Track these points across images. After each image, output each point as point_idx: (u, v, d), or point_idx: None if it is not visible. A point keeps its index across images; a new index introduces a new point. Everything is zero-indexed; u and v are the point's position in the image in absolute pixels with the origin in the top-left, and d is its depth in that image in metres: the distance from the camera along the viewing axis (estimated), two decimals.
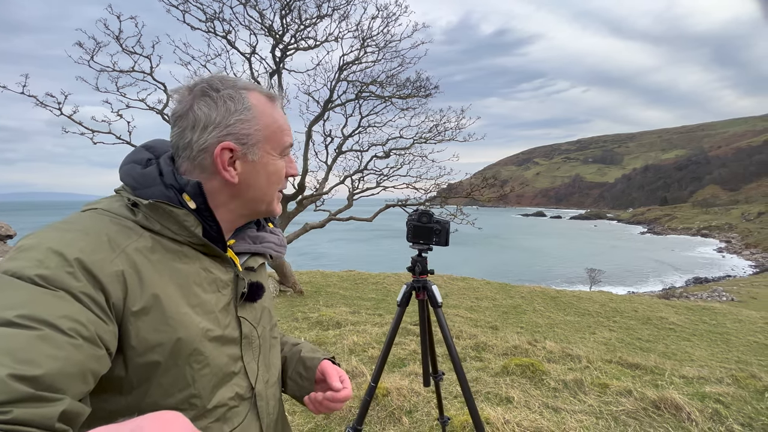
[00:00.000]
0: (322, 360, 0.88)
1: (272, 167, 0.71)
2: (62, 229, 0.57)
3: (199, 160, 0.66)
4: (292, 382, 0.89)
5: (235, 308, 0.70)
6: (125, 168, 0.67)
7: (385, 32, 8.89)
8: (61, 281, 0.51)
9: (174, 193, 0.63)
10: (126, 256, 0.57)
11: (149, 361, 0.58)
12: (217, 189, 0.68)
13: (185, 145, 0.66)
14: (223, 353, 0.66)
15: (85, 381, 0.49)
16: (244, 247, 0.76)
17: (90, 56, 6.82)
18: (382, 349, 1.47)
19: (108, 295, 0.54)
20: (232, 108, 0.66)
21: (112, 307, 0.55)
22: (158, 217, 0.62)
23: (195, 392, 0.62)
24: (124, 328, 0.56)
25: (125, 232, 0.60)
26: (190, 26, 7.73)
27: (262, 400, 0.74)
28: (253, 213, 0.74)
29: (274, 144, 0.71)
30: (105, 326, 0.53)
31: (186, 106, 0.66)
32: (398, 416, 2.41)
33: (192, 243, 0.65)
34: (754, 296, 22.42)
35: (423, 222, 1.33)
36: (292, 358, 0.90)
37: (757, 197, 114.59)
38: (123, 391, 0.58)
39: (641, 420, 2.34)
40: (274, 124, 0.70)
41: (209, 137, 0.65)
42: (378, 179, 10.67)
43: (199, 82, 0.67)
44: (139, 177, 0.65)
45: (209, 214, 0.66)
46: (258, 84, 0.73)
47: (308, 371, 0.87)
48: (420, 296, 1.46)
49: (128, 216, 0.62)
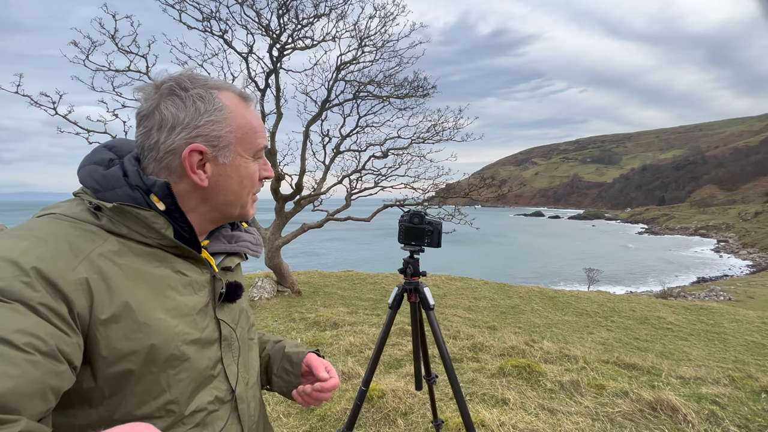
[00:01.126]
0: (308, 353, 0.89)
1: (245, 170, 0.69)
2: (16, 236, 0.54)
3: (166, 162, 0.63)
4: (279, 378, 0.89)
5: (213, 310, 0.68)
6: (86, 169, 0.64)
7: (383, 32, 8.87)
8: (16, 292, 0.48)
9: (141, 194, 0.61)
10: (90, 263, 0.55)
11: (122, 370, 0.55)
12: (187, 192, 0.65)
13: (151, 146, 0.63)
14: (202, 356, 0.64)
15: (45, 399, 0.46)
16: (219, 247, 0.74)
17: (85, 55, 6.77)
18: (374, 352, 1.45)
19: (71, 304, 0.51)
20: (202, 108, 0.63)
21: (76, 318, 0.52)
22: (125, 220, 0.59)
23: (171, 398, 0.60)
24: (92, 338, 0.53)
25: (88, 237, 0.57)
26: (187, 26, 7.70)
27: (243, 402, 0.72)
28: (226, 217, 0.72)
29: (247, 146, 0.68)
30: (67, 339, 0.50)
31: (152, 105, 0.63)
32: (393, 418, 2.39)
33: (163, 245, 0.63)
34: (751, 296, 22.49)
35: (415, 223, 1.31)
36: (277, 355, 0.90)
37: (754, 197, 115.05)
38: (93, 403, 0.56)
39: (637, 421, 2.32)
40: (246, 125, 0.68)
41: (177, 138, 0.62)
42: (376, 179, 10.66)
43: (167, 79, 0.64)
44: (101, 179, 0.62)
45: (180, 215, 0.63)
46: (231, 83, 0.70)
47: (294, 366, 0.88)
48: (412, 298, 1.44)
49: (91, 220, 0.59)
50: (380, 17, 8.65)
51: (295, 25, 8.24)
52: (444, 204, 10.58)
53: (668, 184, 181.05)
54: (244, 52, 8.30)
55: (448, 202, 10.73)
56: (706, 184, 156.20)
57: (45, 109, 6.78)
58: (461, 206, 10.60)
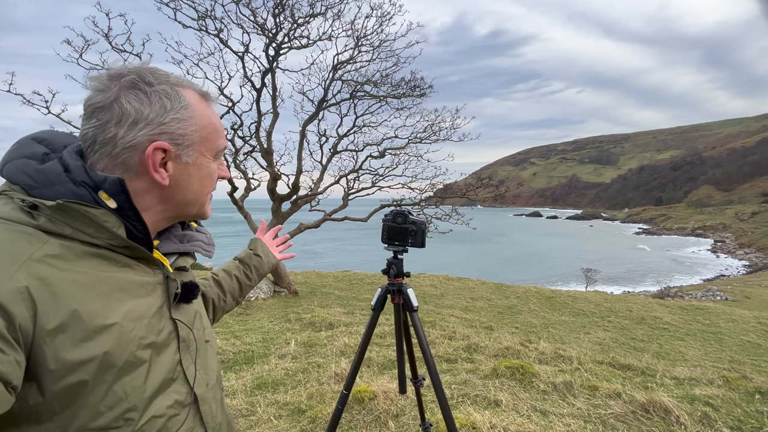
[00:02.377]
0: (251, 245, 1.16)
1: (206, 170, 0.68)
2: None
3: (124, 158, 0.60)
4: (251, 274, 1.11)
5: (168, 311, 0.66)
6: (15, 164, 0.58)
7: (380, 31, 8.85)
8: None
9: (87, 190, 0.56)
10: (29, 269, 0.50)
11: (73, 382, 0.52)
12: (143, 190, 0.62)
13: (106, 140, 0.59)
14: (159, 360, 0.62)
15: None
16: (171, 247, 0.72)
17: (79, 54, 6.73)
18: (356, 355, 1.43)
19: (10, 317, 0.47)
20: (168, 105, 0.61)
21: (17, 331, 0.48)
22: (68, 219, 0.55)
23: (129, 406, 0.57)
24: (37, 351, 0.50)
25: (25, 240, 0.52)
26: (182, 24, 7.66)
27: (205, 403, 0.70)
28: (182, 216, 0.70)
29: (210, 146, 0.68)
30: (2, 356, 0.46)
31: (110, 97, 0.59)
32: (384, 420, 2.37)
33: (113, 246, 0.59)
34: (748, 296, 22.56)
35: (398, 222, 1.29)
36: (232, 271, 1.08)
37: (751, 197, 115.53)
38: (42, 420, 0.52)
39: (629, 423, 2.31)
40: (210, 125, 0.67)
41: (139, 134, 0.59)
42: (373, 179, 10.64)
43: (125, 72, 0.60)
44: (36, 174, 0.57)
45: (133, 213, 0.60)
46: (190, 81, 0.68)
47: (251, 258, 1.13)
48: (395, 300, 1.42)
49: (25, 221, 0.54)
50: (377, 17, 8.63)
51: (291, 24, 8.22)
52: (441, 204, 10.56)
53: (666, 184, 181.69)
54: (240, 51, 8.27)
55: (445, 202, 10.71)
56: (703, 185, 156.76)
57: (38, 108, 6.74)
58: (460, 206, 10.59)
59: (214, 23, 7.78)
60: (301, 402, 2.74)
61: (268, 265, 1.16)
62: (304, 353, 4.12)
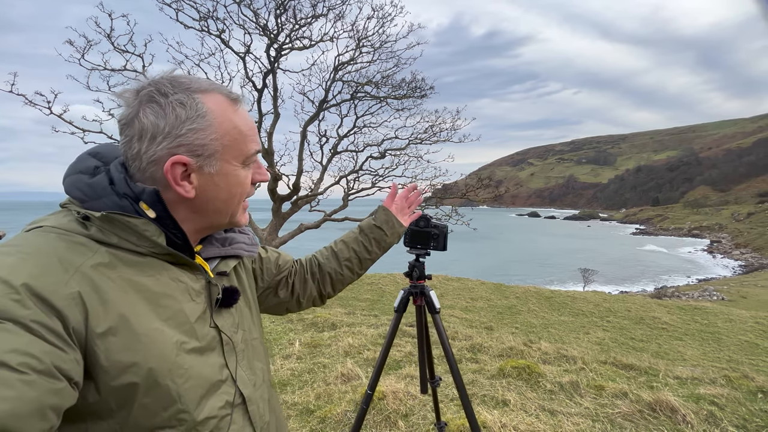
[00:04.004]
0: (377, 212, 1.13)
1: (233, 178, 0.66)
2: (3, 253, 0.52)
3: (150, 173, 0.61)
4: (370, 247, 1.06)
5: (211, 316, 0.68)
6: (71, 179, 0.62)
7: (381, 33, 8.88)
8: (7, 311, 0.46)
9: (129, 202, 0.59)
10: (82, 276, 0.53)
11: (125, 383, 0.54)
12: (174, 202, 0.63)
13: (133, 156, 0.61)
14: (205, 363, 0.64)
15: (44, 418, 0.45)
16: (213, 252, 0.73)
17: (81, 54, 6.72)
18: (380, 355, 1.45)
19: (65, 320, 0.50)
20: (183, 115, 0.59)
21: (72, 333, 0.50)
22: (114, 229, 0.58)
23: (182, 407, 0.59)
24: (91, 352, 0.52)
25: (78, 250, 0.55)
26: (184, 25, 7.66)
27: (252, 404, 0.72)
28: (216, 226, 0.71)
29: (236, 153, 0.65)
30: (64, 355, 0.49)
31: (132, 113, 0.60)
32: (394, 420, 2.39)
33: (156, 253, 0.61)
34: (744, 295, 22.73)
35: (421, 226, 1.31)
36: (356, 240, 1.06)
37: (747, 198, 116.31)
38: (103, 416, 0.55)
39: (637, 422, 2.34)
40: (234, 130, 0.64)
41: (158, 149, 0.59)
42: (373, 179, 10.67)
43: (146, 84, 0.60)
44: (86, 188, 0.60)
45: (171, 221, 0.62)
46: (219, 84, 0.67)
47: (375, 231, 1.08)
48: (417, 302, 1.44)
49: (79, 231, 0.57)
50: (378, 18, 8.65)
51: (293, 25, 8.23)
52: (441, 204, 10.60)
53: (662, 184, 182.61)
54: (241, 52, 8.27)
55: (445, 202, 10.75)
56: (699, 185, 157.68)
57: (40, 108, 6.72)
58: (459, 207, 10.63)
59: (215, 24, 7.79)
60: (309, 402, 2.75)
61: (392, 236, 1.08)
62: (309, 354, 4.13)
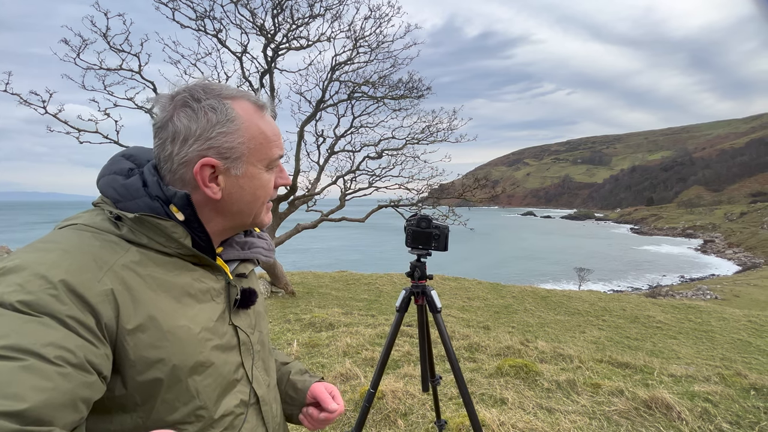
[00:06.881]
0: (312, 383, 0.88)
1: (258, 181, 0.69)
2: (42, 249, 0.55)
3: (180, 174, 0.64)
4: (282, 402, 0.87)
5: (229, 316, 0.70)
6: (106, 179, 0.64)
7: (378, 33, 8.89)
8: (45, 306, 0.49)
9: (160, 204, 0.62)
10: (114, 274, 0.56)
11: (151, 378, 0.57)
12: (201, 203, 0.66)
13: (166, 158, 0.64)
14: (225, 362, 0.66)
15: (76, 410, 0.48)
16: (233, 255, 0.75)
17: (76, 54, 6.67)
18: (382, 354, 1.47)
19: (98, 316, 0.52)
20: (213, 119, 0.63)
21: (104, 329, 0.53)
22: (145, 230, 0.60)
23: (201, 404, 0.62)
24: (120, 348, 0.55)
25: (111, 248, 0.58)
26: (180, 24, 7.62)
27: (266, 404, 0.74)
28: (240, 226, 0.73)
29: (261, 157, 0.68)
30: (95, 350, 0.51)
31: (166, 117, 0.63)
32: (393, 419, 2.41)
33: (181, 254, 0.64)
34: (737, 294, 22.99)
35: (422, 227, 1.33)
36: (282, 380, 0.89)
37: (740, 198, 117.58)
38: (127, 410, 0.57)
39: (633, 420, 2.37)
40: (260, 135, 0.67)
41: (189, 151, 0.63)
42: (370, 180, 10.67)
43: (181, 90, 0.64)
44: (121, 189, 0.62)
45: (198, 224, 0.64)
46: (248, 91, 0.70)
47: (299, 393, 0.87)
48: (419, 301, 1.46)
49: (112, 230, 0.60)
50: (375, 18, 8.66)
51: (290, 25, 8.22)
52: (438, 204, 10.63)
53: (657, 184, 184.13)
54: (238, 52, 8.25)
55: (441, 202, 10.78)
56: (693, 185, 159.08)
57: (35, 108, 6.67)
58: (456, 206, 10.66)
59: (212, 23, 7.76)
60: None
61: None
62: (307, 354, 4.14)
